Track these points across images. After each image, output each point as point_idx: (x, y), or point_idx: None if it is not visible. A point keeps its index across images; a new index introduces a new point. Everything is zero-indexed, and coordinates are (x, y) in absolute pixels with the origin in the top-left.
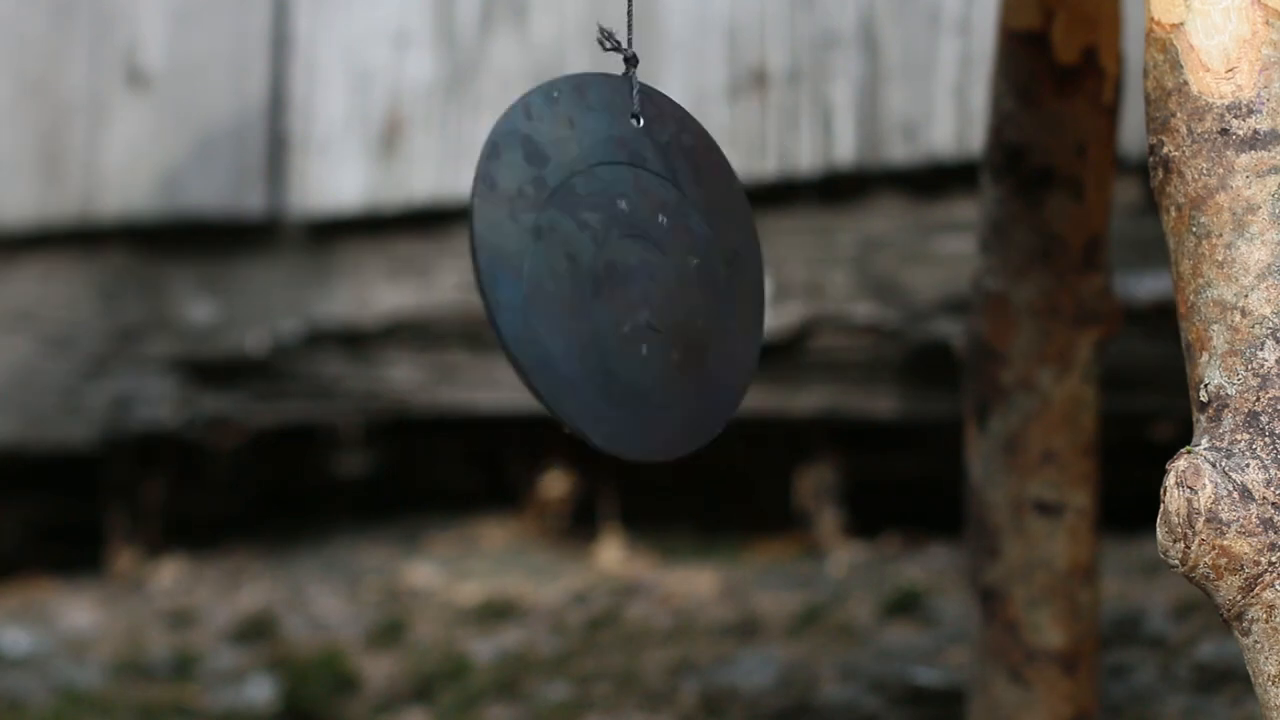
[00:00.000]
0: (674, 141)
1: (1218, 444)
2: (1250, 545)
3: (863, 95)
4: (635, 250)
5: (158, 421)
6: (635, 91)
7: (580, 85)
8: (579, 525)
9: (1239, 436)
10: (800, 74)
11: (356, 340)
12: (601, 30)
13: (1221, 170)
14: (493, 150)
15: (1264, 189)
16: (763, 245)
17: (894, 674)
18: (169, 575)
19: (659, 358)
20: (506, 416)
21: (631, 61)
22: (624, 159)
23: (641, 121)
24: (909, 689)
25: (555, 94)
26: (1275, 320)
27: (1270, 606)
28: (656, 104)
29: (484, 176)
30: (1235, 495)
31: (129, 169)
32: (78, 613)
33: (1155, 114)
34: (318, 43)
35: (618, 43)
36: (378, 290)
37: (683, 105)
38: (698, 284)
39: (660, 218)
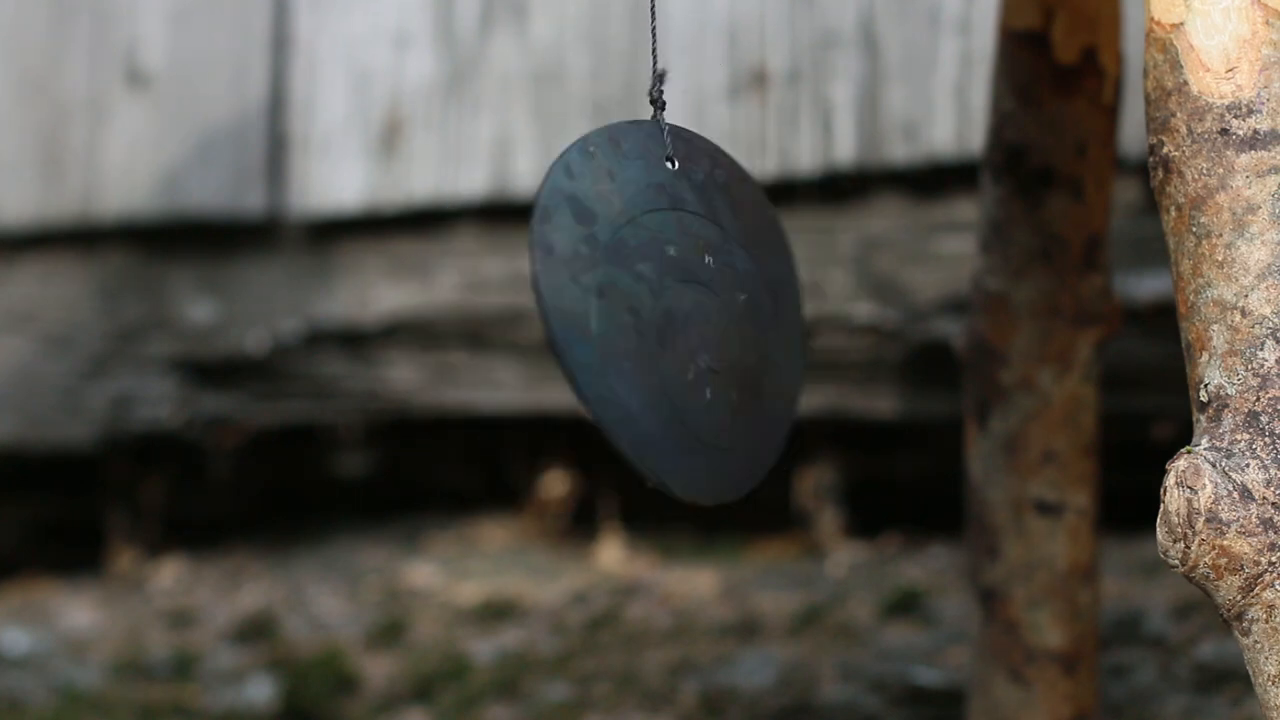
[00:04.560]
0: (708, 179)
1: (1218, 444)
2: (1250, 545)
3: (863, 95)
4: (688, 294)
5: (158, 421)
6: (666, 134)
7: (614, 136)
8: (579, 525)
9: (1239, 436)
10: (800, 74)
11: (356, 340)
12: (655, 79)
13: (1221, 170)
14: (543, 214)
15: (1264, 189)
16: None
17: (894, 674)
18: (169, 575)
19: (722, 400)
20: (506, 416)
21: (658, 105)
22: (665, 204)
23: (676, 164)
24: (909, 689)
25: (591, 149)
26: (1275, 320)
27: (1270, 606)
28: (689, 143)
29: (540, 242)
30: (1235, 495)
31: (129, 169)
32: (78, 613)
33: (1155, 114)
34: (318, 43)
35: (659, 92)
36: (378, 290)
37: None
38: (747, 320)
39: (706, 258)
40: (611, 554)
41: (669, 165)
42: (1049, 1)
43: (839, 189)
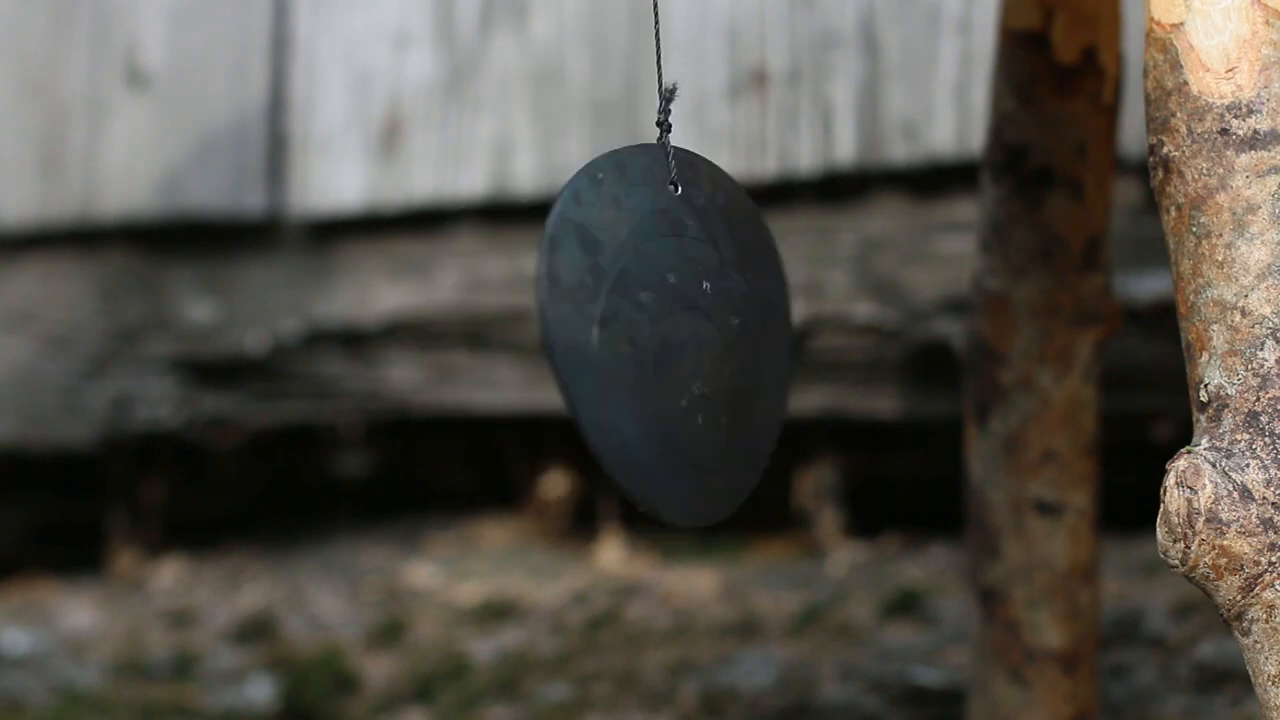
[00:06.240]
0: (709, 202)
1: (1218, 444)
2: (1250, 545)
3: (863, 95)
4: (686, 321)
5: (158, 421)
6: (671, 159)
7: (621, 162)
8: (579, 525)
9: (1239, 436)
10: (800, 74)
11: (356, 340)
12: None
13: (1221, 170)
14: (551, 244)
15: (1264, 189)
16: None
17: (894, 674)
18: (169, 575)
19: (712, 425)
20: (506, 417)
21: (665, 128)
22: (668, 231)
23: (679, 188)
24: (909, 689)
25: (600, 175)
26: (1275, 320)
27: (1270, 606)
28: (691, 165)
29: (547, 273)
30: (1235, 495)
31: (129, 169)
32: (78, 613)
33: (1155, 114)
34: (318, 43)
35: (665, 114)
36: (378, 290)
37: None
38: (740, 344)
39: (704, 284)
40: (611, 554)
41: (672, 190)
42: (1049, 1)
43: (839, 189)
